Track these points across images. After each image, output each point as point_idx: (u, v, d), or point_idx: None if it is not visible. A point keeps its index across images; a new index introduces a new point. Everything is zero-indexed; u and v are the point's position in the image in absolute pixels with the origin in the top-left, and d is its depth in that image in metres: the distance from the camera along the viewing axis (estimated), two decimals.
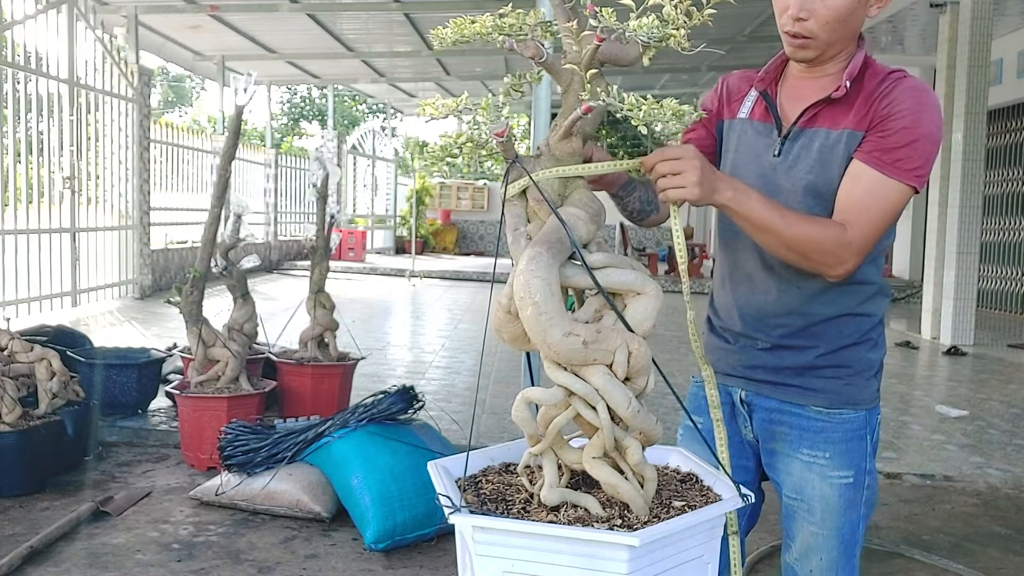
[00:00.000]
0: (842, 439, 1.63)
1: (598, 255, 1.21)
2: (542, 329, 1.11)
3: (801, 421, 1.65)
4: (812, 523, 1.66)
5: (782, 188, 1.58)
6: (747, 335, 1.69)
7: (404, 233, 19.87)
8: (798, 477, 1.66)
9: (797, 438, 1.66)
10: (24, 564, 2.80)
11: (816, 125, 1.57)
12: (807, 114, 1.58)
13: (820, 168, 1.56)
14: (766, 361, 1.67)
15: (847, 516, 1.64)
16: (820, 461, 1.63)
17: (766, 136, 1.63)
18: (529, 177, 1.21)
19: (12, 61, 7.19)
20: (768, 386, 1.68)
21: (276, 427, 3.51)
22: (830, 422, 1.64)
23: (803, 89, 1.61)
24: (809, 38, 1.51)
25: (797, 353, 1.64)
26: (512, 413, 1.18)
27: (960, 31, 8.16)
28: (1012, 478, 4.17)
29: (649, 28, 1.09)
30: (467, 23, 1.15)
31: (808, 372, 1.64)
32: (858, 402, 1.65)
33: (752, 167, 1.63)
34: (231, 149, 4.05)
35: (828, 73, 1.59)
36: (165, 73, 31.84)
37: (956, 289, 8.31)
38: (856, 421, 1.65)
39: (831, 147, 1.55)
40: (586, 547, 1.07)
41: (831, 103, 1.56)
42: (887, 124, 1.50)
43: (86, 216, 8.55)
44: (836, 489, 1.63)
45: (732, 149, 1.69)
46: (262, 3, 10.40)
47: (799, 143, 1.58)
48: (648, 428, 1.20)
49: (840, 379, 1.64)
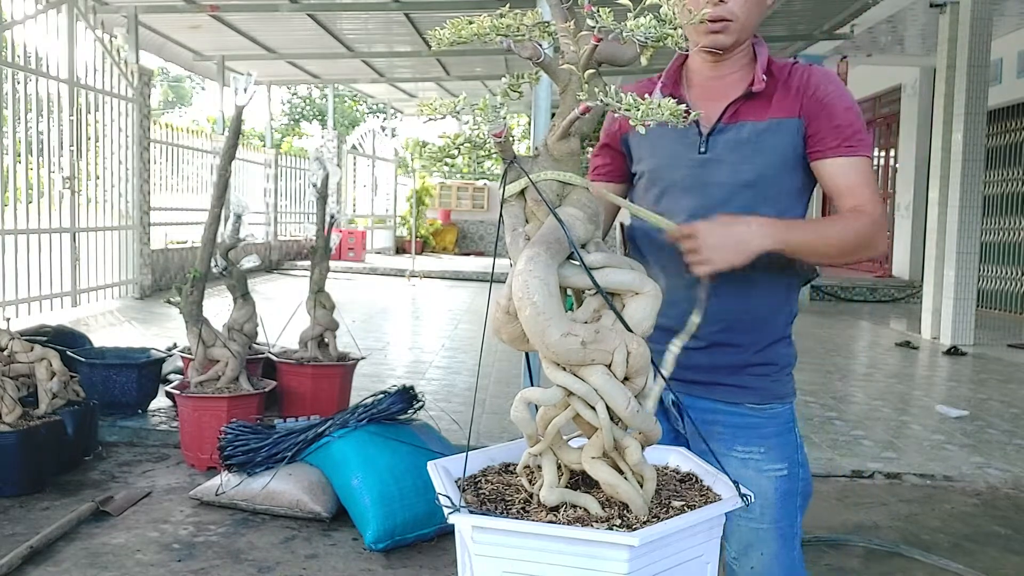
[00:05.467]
0: (774, 433, 1.69)
1: (596, 255, 1.21)
2: (540, 329, 1.11)
3: (734, 419, 1.69)
4: (751, 519, 1.68)
5: (712, 183, 1.63)
6: (676, 333, 1.64)
7: (404, 233, 19.87)
8: (733, 474, 1.64)
9: (731, 436, 1.69)
10: (24, 564, 2.81)
11: (740, 119, 1.63)
12: (730, 110, 1.63)
13: (753, 157, 1.61)
14: (700, 361, 1.66)
15: (784, 508, 1.68)
16: (755, 456, 1.68)
17: (686, 136, 1.65)
18: (527, 177, 1.21)
19: (12, 61, 7.19)
20: (700, 387, 1.69)
21: (276, 427, 3.52)
22: (762, 417, 1.69)
23: (714, 89, 1.67)
24: (729, 20, 1.57)
25: (733, 352, 1.67)
26: (511, 413, 1.19)
27: (960, 31, 8.16)
28: (1012, 478, 4.17)
29: (647, 28, 1.10)
30: (464, 24, 1.15)
31: (742, 370, 1.68)
32: (783, 396, 1.71)
33: (677, 168, 1.66)
34: (231, 149, 4.06)
35: (733, 70, 1.66)
36: (165, 73, 31.85)
37: (956, 289, 8.31)
38: (785, 415, 1.71)
39: (760, 137, 1.61)
40: (585, 547, 1.07)
41: (751, 97, 1.62)
42: (830, 112, 1.59)
43: (86, 216, 8.55)
44: (772, 482, 1.67)
45: (648, 155, 1.72)
46: (262, 3, 10.40)
47: (724, 138, 1.63)
48: (647, 428, 1.20)
49: (768, 376, 1.70)
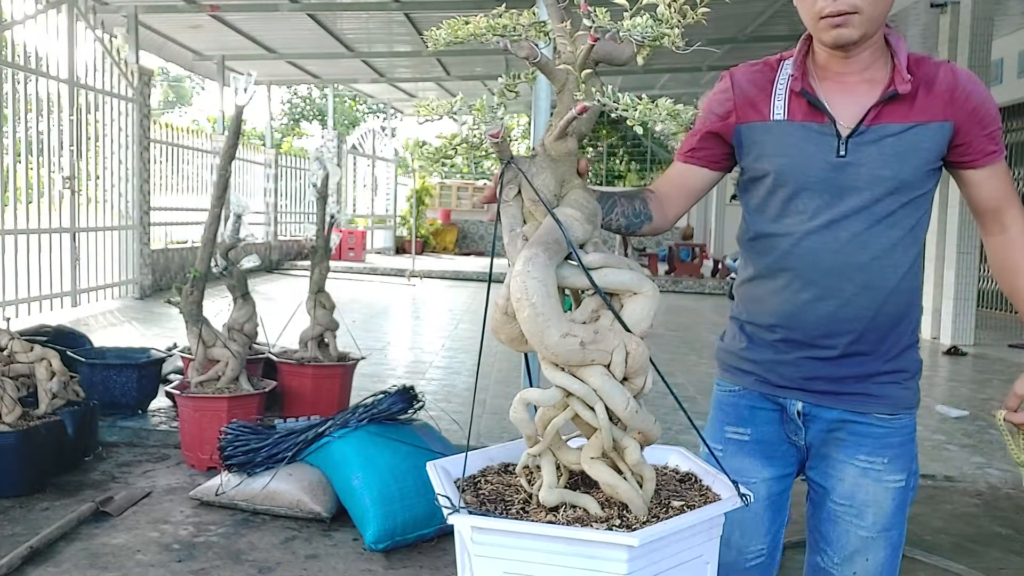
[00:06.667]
0: (899, 443, 1.63)
1: (595, 255, 1.21)
2: (539, 330, 1.11)
3: (861, 428, 1.63)
4: (861, 527, 1.63)
5: (851, 187, 1.55)
6: (811, 343, 1.61)
7: (404, 233, 19.88)
8: (851, 483, 1.64)
9: (855, 444, 1.63)
10: (24, 564, 2.80)
11: (882, 121, 1.54)
12: (872, 112, 1.54)
13: (897, 163, 1.53)
14: (829, 372, 1.61)
15: (896, 518, 1.64)
16: (877, 467, 1.62)
17: (821, 136, 1.56)
18: (525, 178, 1.21)
19: (12, 61, 7.19)
20: (829, 396, 1.63)
21: (276, 427, 3.51)
22: (890, 427, 1.62)
23: (850, 86, 1.57)
24: (853, 13, 1.47)
25: (862, 360, 1.60)
26: (510, 414, 1.18)
27: (960, 31, 8.15)
28: (1013, 478, 4.16)
29: (643, 27, 1.09)
30: (461, 24, 1.15)
31: (869, 379, 1.61)
32: (912, 405, 1.65)
33: (811, 169, 1.57)
34: (231, 149, 4.05)
35: (868, 64, 1.56)
36: (165, 73, 31.85)
37: (956, 289, 8.31)
38: (910, 425, 1.65)
39: (903, 140, 1.53)
40: (585, 547, 1.07)
41: (894, 98, 1.54)
42: (982, 120, 1.55)
43: (86, 216, 8.55)
44: (889, 493, 1.62)
45: (775, 154, 1.60)
46: (262, 3, 10.40)
47: (866, 140, 1.54)
48: (646, 428, 1.20)
49: (899, 384, 1.63)
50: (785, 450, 1.71)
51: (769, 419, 1.70)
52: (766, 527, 1.71)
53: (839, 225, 1.55)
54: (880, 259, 1.55)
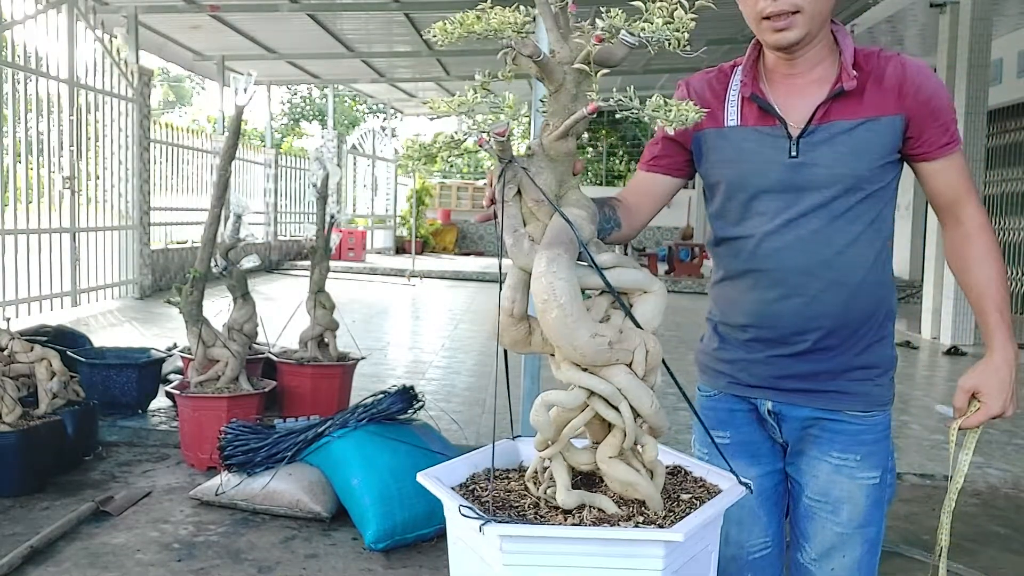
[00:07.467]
0: (873, 440, 1.64)
1: (606, 255, 1.21)
2: (569, 332, 1.10)
3: (834, 425, 1.64)
4: (836, 523, 1.65)
5: (807, 187, 1.56)
6: (781, 341, 1.62)
7: (404, 233, 19.88)
8: (825, 479, 1.65)
9: (828, 441, 1.65)
10: (24, 564, 2.81)
11: (832, 119, 1.55)
12: (820, 110, 1.55)
13: (851, 159, 1.54)
14: (799, 369, 1.62)
15: (873, 515, 1.65)
16: (850, 463, 1.63)
17: (773, 139, 1.58)
18: (530, 179, 1.20)
19: (12, 61, 7.19)
20: (800, 394, 1.64)
21: (276, 427, 3.51)
22: (864, 425, 1.63)
23: (798, 87, 1.59)
24: (795, 12, 1.48)
25: (832, 355, 1.61)
26: (531, 417, 1.17)
27: (960, 31, 8.16)
28: (1012, 478, 4.17)
29: (659, 31, 1.08)
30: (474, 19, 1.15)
31: (842, 376, 1.62)
32: (885, 403, 1.66)
33: (767, 172, 1.58)
34: (231, 149, 4.06)
35: (816, 63, 1.58)
36: (165, 73, 31.84)
37: (956, 289, 8.30)
38: (884, 422, 1.66)
39: (855, 136, 1.54)
40: (623, 547, 1.07)
41: (841, 95, 1.54)
42: (935, 112, 1.55)
43: (86, 216, 8.56)
44: (864, 490, 1.64)
45: (731, 159, 1.62)
46: (262, 3, 10.40)
47: (816, 140, 1.55)
48: (664, 425, 1.20)
49: (871, 380, 1.63)
50: (769, 447, 1.73)
51: (746, 420, 1.72)
52: (764, 521, 1.73)
53: (799, 224, 1.57)
54: (843, 254, 1.57)
